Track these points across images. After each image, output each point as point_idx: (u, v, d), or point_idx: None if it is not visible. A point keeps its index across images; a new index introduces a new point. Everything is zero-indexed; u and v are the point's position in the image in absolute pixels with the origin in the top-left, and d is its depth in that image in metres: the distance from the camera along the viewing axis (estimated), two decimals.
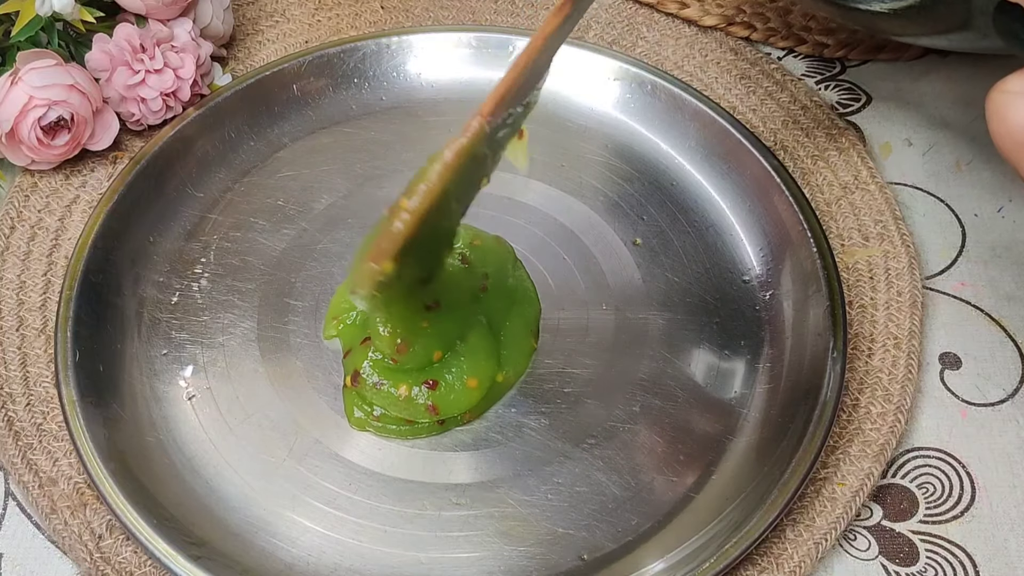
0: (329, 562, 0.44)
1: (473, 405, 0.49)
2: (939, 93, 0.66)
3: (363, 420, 0.49)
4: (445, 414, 0.48)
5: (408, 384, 0.49)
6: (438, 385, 0.48)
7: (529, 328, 0.53)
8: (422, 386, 0.48)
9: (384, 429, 0.49)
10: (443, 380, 0.49)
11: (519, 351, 0.52)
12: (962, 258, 0.58)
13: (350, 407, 0.50)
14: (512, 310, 0.53)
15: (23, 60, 0.54)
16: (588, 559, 0.45)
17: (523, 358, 0.52)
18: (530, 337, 0.52)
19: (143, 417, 0.48)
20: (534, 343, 0.52)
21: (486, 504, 0.46)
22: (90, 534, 0.45)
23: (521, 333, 0.52)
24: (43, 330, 0.52)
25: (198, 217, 0.56)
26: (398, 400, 0.48)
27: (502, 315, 0.52)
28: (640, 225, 0.57)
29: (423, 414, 0.48)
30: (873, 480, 0.48)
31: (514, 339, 0.52)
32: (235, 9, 0.67)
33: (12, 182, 0.58)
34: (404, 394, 0.48)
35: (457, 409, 0.49)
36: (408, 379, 0.49)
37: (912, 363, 0.52)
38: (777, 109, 0.63)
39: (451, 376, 0.49)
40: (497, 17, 0.68)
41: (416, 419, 0.49)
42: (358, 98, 0.62)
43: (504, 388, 0.51)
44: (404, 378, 0.49)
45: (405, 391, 0.48)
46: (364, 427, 0.49)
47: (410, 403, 0.48)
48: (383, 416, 0.49)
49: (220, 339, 0.52)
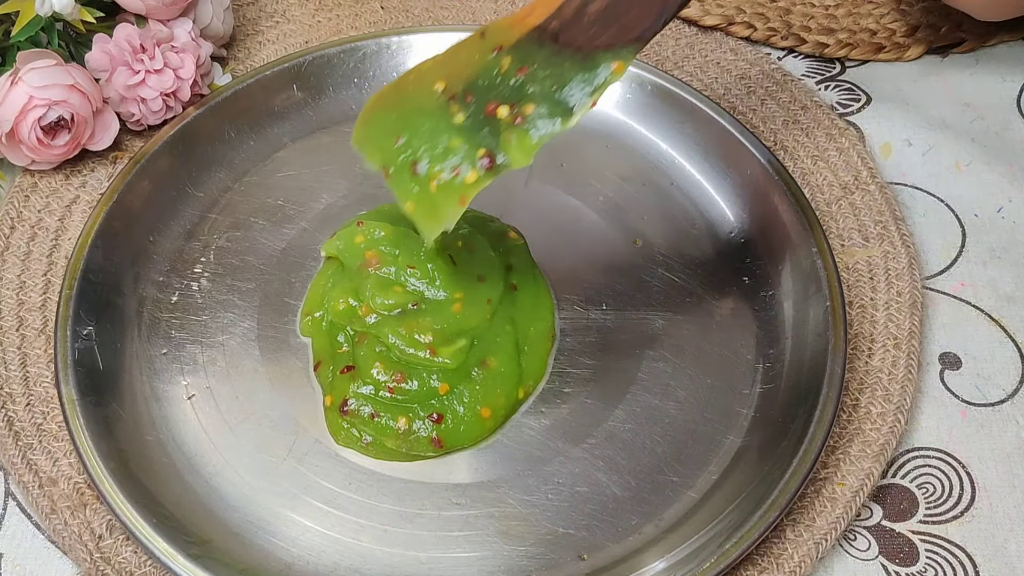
0: (329, 561, 0.44)
1: (484, 436, 0.47)
2: (939, 93, 0.66)
3: (350, 441, 0.48)
4: (451, 447, 0.47)
5: (408, 417, 0.47)
6: (444, 418, 0.47)
7: (550, 331, 0.52)
8: (426, 419, 0.47)
9: (375, 455, 0.48)
10: (451, 412, 0.47)
11: (539, 357, 0.50)
12: (962, 258, 0.58)
13: (335, 427, 0.48)
14: (537, 312, 0.51)
15: (23, 60, 0.54)
16: (588, 559, 0.45)
17: (543, 363, 0.50)
18: (549, 339, 0.51)
19: (143, 416, 0.48)
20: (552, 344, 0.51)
21: (486, 504, 0.46)
22: (90, 534, 0.45)
23: (543, 336, 0.51)
24: (43, 330, 0.52)
25: (198, 217, 0.56)
26: (396, 433, 0.47)
27: (528, 319, 0.51)
28: (640, 225, 0.57)
29: (425, 448, 0.47)
30: (873, 480, 0.48)
31: (536, 344, 0.51)
32: (235, 9, 0.67)
33: (12, 182, 0.58)
34: (403, 427, 0.47)
35: (466, 441, 0.47)
36: (409, 411, 0.47)
37: (912, 363, 0.52)
38: (777, 109, 0.63)
39: (462, 407, 0.47)
40: (497, 17, 0.68)
41: (415, 452, 0.47)
42: (358, 98, 0.62)
43: (523, 401, 0.49)
44: (403, 410, 0.47)
45: (405, 424, 0.47)
46: (351, 447, 0.48)
47: (410, 437, 0.47)
48: (374, 443, 0.47)
49: (220, 338, 0.52)
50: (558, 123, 0.42)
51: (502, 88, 0.43)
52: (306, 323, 0.52)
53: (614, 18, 0.42)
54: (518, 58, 0.43)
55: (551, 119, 0.42)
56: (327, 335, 0.51)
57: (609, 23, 0.42)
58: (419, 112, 0.45)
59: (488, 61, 0.44)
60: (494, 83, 0.43)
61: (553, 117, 0.42)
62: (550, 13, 0.44)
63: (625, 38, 0.42)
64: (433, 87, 0.45)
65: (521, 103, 0.42)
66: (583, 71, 0.42)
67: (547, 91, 0.42)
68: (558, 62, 0.42)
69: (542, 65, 0.42)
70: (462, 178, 0.43)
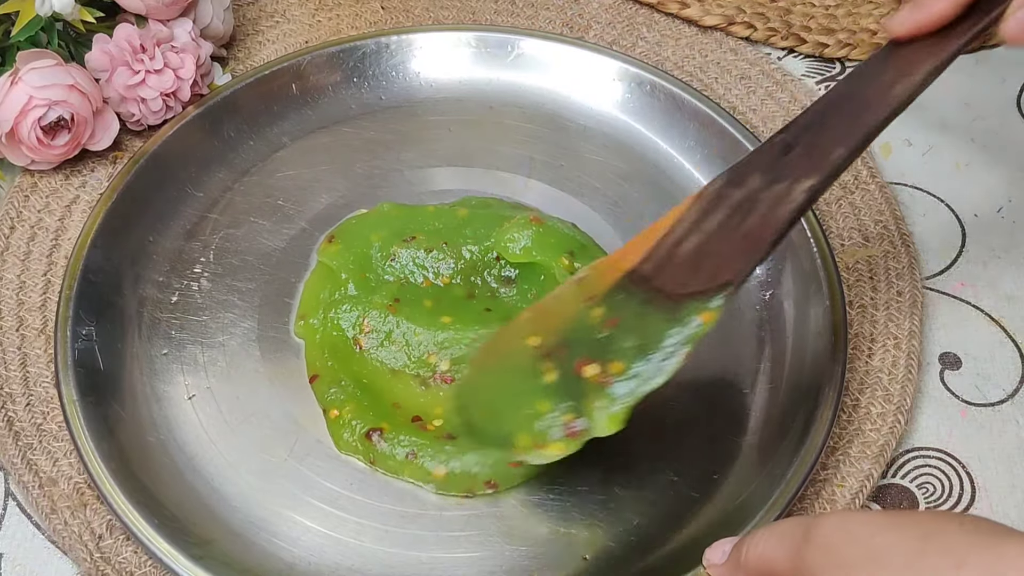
0: (330, 562, 0.44)
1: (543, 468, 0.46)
2: (939, 93, 0.66)
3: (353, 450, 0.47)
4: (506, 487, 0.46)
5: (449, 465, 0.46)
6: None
7: None
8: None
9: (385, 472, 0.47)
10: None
11: None
12: (962, 258, 0.58)
13: (336, 437, 0.48)
14: None
15: (23, 60, 0.54)
16: (590, 558, 0.45)
17: None
18: None
19: (143, 417, 0.48)
20: None
21: (487, 504, 0.46)
22: (90, 534, 0.45)
23: None
24: (43, 330, 0.52)
25: (198, 217, 0.56)
26: (435, 477, 0.46)
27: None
28: (640, 225, 0.57)
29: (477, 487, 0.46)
30: (873, 481, 0.48)
31: None
32: (235, 9, 0.67)
33: (12, 182, 0.58)
34: (443, 473, 0.46)
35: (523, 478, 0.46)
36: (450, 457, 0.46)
37: (912, 363, 0.52)
38: (777, 109, 0.63)
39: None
40: (497, 17, 0.68)
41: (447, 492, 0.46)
42: (358, 98, 0.62)
43: None
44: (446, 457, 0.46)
45: (443, 471, 0.46)
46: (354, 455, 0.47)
47: (453, 478, 0.46)
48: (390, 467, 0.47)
49: (220, 339, 0.52)
50: (647, 384, 0.41)
51: (592, 343, 0.43)
52: (300, 327, 0.52)
53: (706, 260, 0.42)
54: (609, 308, 0.43)
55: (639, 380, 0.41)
56: (327, 354, 0.51)
57: (701, 266, 0.42)
58: (511, 371, 0.45)
59: (580, 312, 0.44)
60: (584, 337, 0.43)
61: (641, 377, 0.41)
62: (644, 255, 0.44)
63: (715, 283, 0.41)
64: (527, 343, 0.45)
65: (608, 361, 0.42)
66: (673, 324, 0.41)
67: (637, 347, 0.42)
68: (647, 313, 0.42)
69: (632, 316, 0.42)
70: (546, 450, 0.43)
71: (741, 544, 0.35)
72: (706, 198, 0.44)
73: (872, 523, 0.30)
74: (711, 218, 0.43)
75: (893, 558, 0.29)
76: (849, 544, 0.30)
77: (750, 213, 0.42)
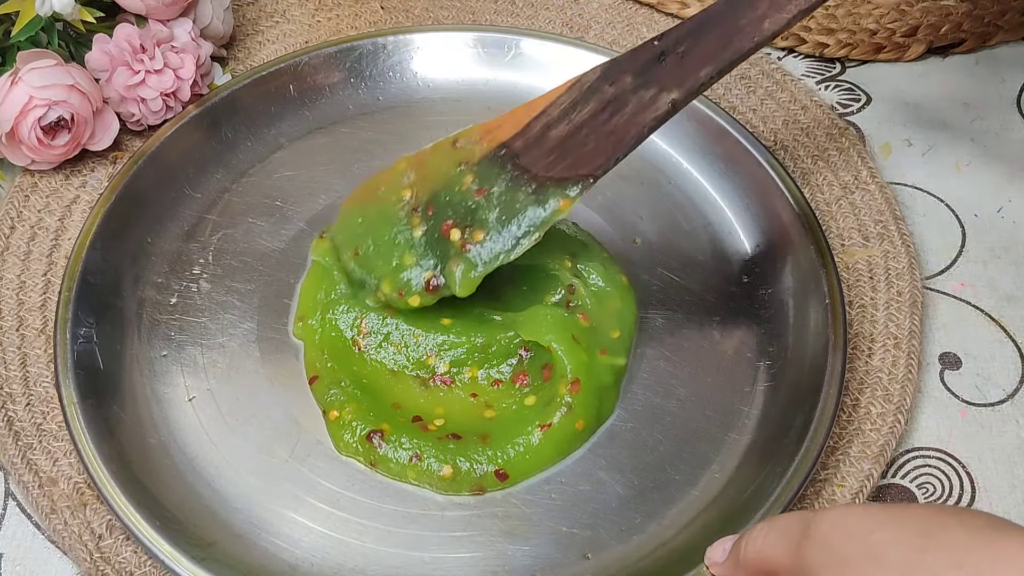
0: (332, 563, 0.44)
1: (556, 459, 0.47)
2: (939, 93, 0.66)
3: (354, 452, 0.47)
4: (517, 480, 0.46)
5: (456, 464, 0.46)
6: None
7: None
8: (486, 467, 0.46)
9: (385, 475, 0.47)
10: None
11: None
12: (962, 258, 0.58)
13: (337, 436, 0.48)
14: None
15: (23, 60, 0.54)
16: (592, 558, 0.45)
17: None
18: None
19: (144, 418, 0.48)
20: None
21: (489, 504, 0.46)
22: (90, 534, 0.45)
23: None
24: (43, 330, 0.52)
25: (196, 217, 0.56)
26: (441, 478, 0.46)
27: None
28: (639, 225, 0.57)
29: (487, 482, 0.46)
30: (873, 481, 0.48)
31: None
32: (235, 9, 0.67)
33: (12, 182, 0.58)
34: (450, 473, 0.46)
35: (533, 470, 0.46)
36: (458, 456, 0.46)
37: (912, 363, 0.52)
38: (777, 109, 0.63)
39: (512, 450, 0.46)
40: (497, 17, 0.68)
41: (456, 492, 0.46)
42: (355, 98, 0.62)
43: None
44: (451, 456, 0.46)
45: (450, 471, 0.46)
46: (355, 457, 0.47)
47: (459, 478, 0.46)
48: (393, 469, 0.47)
49: (220, 340, 0.52)
50: (501, 257, 0.45)
51: (460, 207, 0.46)
52: (299, 328, 0.52)
53: (572, 148, 0.45)
54: (479, 178, 0.47)
55: (495, 252, 0.45)
56: (327, 355, 0.51)
57: (567, 153, 0.45)
58: (383, 219, 0.49)
59: (453, 176, 0.47)
60: (454, 200, 0.47)
61: (497, 249, 0.45)
62: (517, 131, 0.47)
63: (576, 172, 0.45)
64: (401, 193, 0.49)
65: (473, 228, 0.46)
66: (533, 204, 0.45)
67: (498, 220, 0.45)
68: (513, 189, 0.45)
69: (499, 190, 0.46)
70: (406, 299, 0.48)
71: (740, 541, 0.35)
72: (581, 87, 0.47)
73: (871, 519, 0.30)
74: (582, 108, 0.46)
75: (892, 556, 0.29)
76: (848, 541, 0.30)
77: (617, 113, 0.45)
